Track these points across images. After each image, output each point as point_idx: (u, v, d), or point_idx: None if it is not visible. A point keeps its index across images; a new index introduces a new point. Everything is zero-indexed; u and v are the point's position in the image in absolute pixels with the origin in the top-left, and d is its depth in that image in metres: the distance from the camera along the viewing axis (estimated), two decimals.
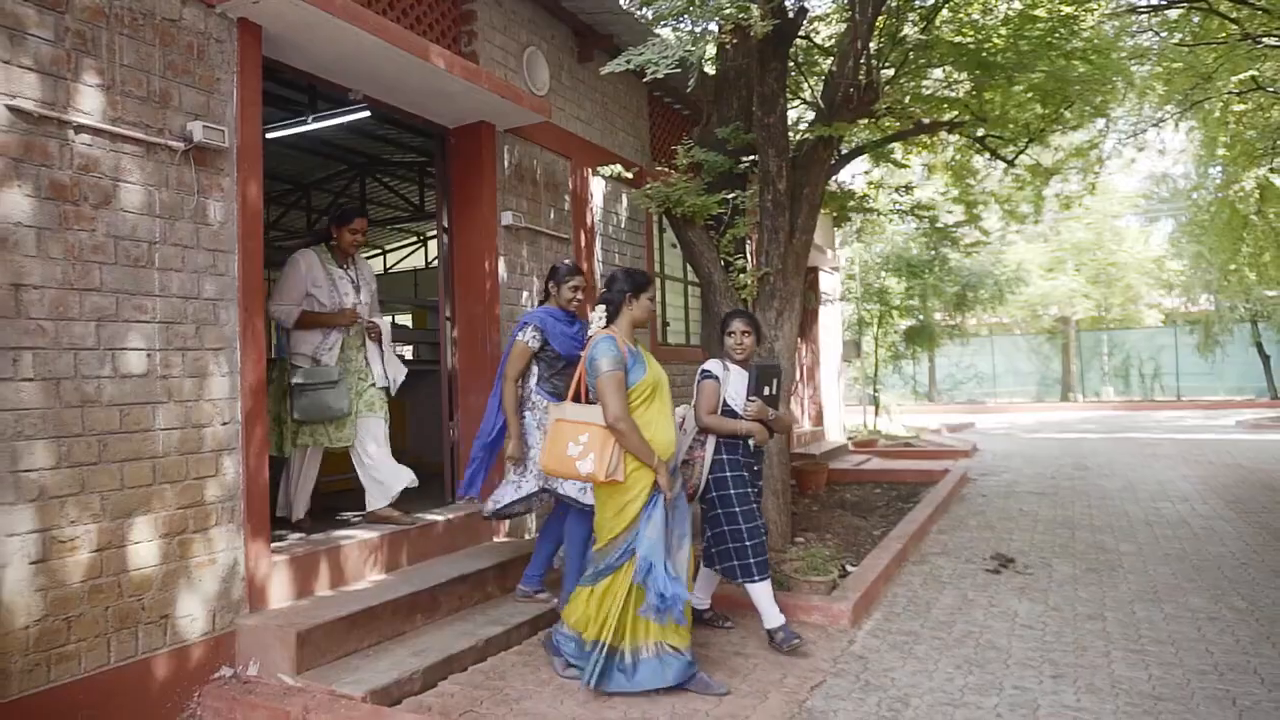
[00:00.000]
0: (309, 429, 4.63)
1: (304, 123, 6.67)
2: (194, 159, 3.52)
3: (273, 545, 3.92)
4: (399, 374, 4.97)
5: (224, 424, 3.61)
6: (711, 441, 4.07)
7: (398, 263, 14.67)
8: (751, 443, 4.15)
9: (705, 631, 4.26)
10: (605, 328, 3.70)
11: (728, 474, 4.08)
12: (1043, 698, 3.45)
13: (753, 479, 4.17)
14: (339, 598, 3.97)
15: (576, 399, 3.71)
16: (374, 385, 4.78)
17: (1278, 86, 13.39)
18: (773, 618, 4.04)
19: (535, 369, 4.38)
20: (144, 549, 3.28)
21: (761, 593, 4.05)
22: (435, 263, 13.68)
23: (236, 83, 3.71)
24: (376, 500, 4.75)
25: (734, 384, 4.17)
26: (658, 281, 3.54)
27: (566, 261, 4.69)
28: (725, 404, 4.14)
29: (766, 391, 4.12)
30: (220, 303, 3.62)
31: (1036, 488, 9.16)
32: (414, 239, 13.80)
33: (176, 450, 3.42)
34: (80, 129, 3.13)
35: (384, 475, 4.73)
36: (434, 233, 12.97)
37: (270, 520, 3.85)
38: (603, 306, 3.71)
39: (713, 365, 4.23)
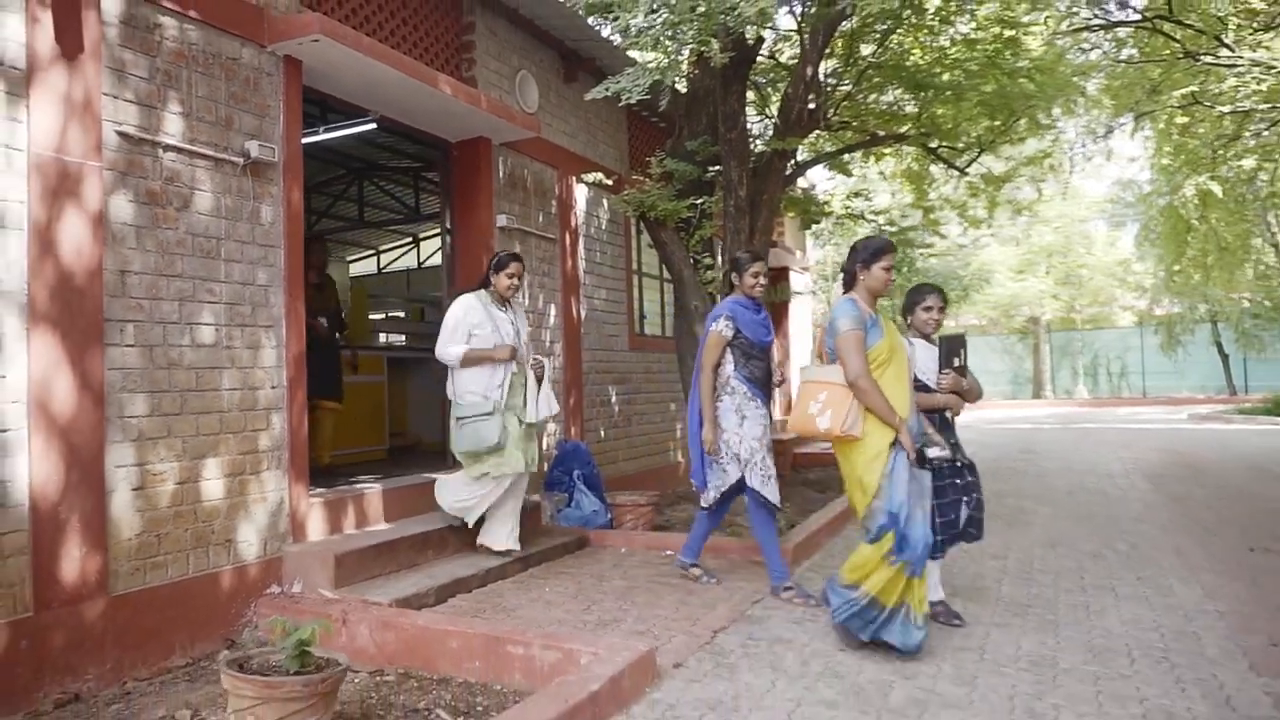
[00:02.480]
0: (490, 459, 4.84)
1: (315, 133, 7.47)
2: (250, 171, 4.33)
3: (311, 490, 4.72)
4: (551, 410, 5.14)
5: (273, 388, 4.42)
6: (922, 417, 4.00)
7: (391, 263, 15.42)
8: (949, 414, 4.18)
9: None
10: (845, 294, 3.80)
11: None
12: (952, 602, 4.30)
13: (950, 452, 4.10)
14: (365, 534, 4.78)
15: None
16: (529, 425, 4.99)
17: (1215, 101, 14.32)
18: (935, 591, 4.08)
19: (731, 357, 4.56)
20: (213, 485, 4.08)
21: (934, 570, 4.06)
22: (427, 263, 14.48)
23: (283, 108, 4.52)
24: (495, 542, 5.03)
25: (921, 358, 4.13)
26: (893, 250, 3.84)
27: (747, 251, 4.94)
28: (915, 378, 4.04)
29: (956, 362, 4.11)
30: (270, 288, 4.43)
31: (981, 467, 10.00)
32: (408, 240, 14.56)
33: (237, 407, 4.22)
34: (167, 148, 3.93)
35: (506, 529, 5.04)
36: (426, 234, 13.83)
37: (309, 469, 4.66)
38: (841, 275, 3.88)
39: None
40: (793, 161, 7.68)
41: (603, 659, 3.21)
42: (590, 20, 6.72)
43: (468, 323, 4.89)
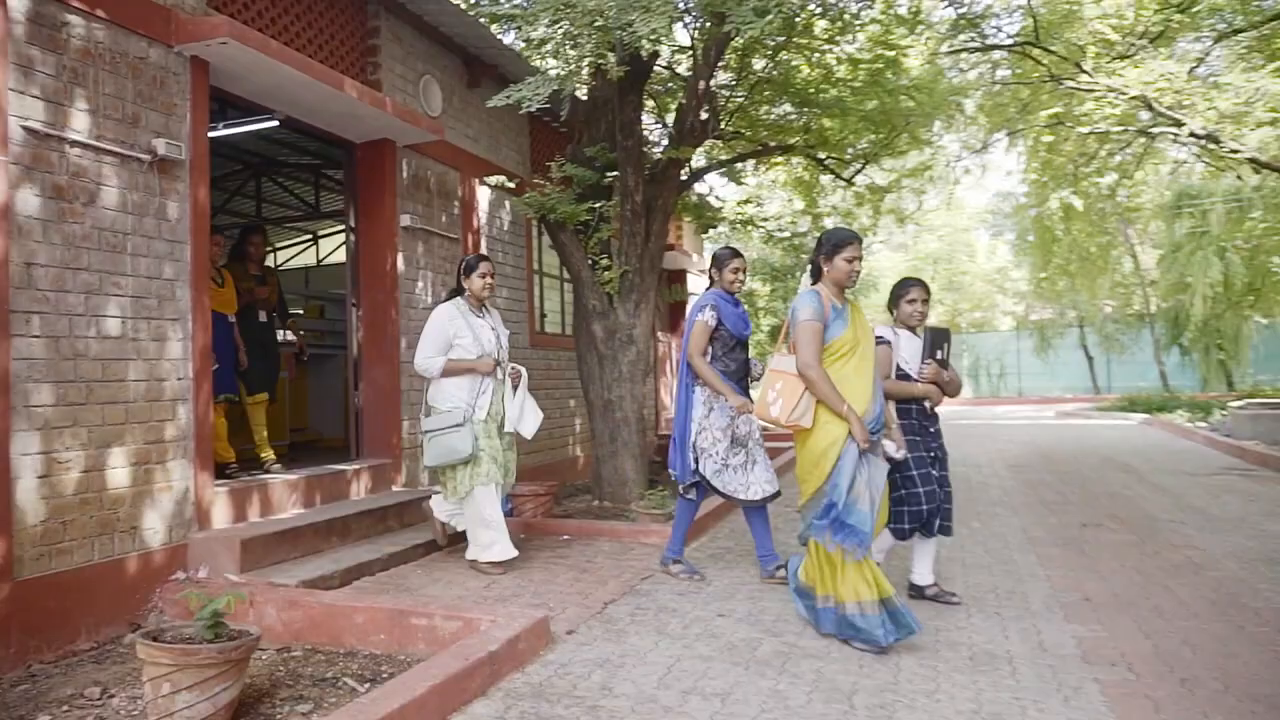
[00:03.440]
0: (482, 471, 4.80)
1: (215, 129, 7.47)
2: (157, 168, 4.43)
3: (216, 480, 4.84)
4: (535, 419, 5.06)
5: (179, 379, 4.54)
6: (891, 406, 4.08)
7: (289, 260, 15.21)
8: (928, 404, 4.27)
9: (584, 551, 5.37)
10: (811, 286, 3.87)
11: (904, 437, 4.15)
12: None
13: (929, 440, 4.23)
14: (270, 522, 4.93)
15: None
16: (509, 437, 4.99)
17: (1077, 122, 15.52)
18: (925, 575, 4.26)
19: (710, 349, 4.69)
20: (119, 473, 4.18)
21: (928, 550, 4.24)
22: (326, 260, 14.37)
23: (190, 107, 4.64)
24: (476, 554, 4.95)
25: (905, 348, 4.23)
26: (855, 242, 3.83)
27: (727, 248, 5.03)
28: (898, 368, 4.20)
29: (939, 355, 4.19)
30: (177, 283, 4.54)
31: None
32: (307, 237, 14.40)
33: (143, 398, 4.32)
34: (73, 144, 4.02)
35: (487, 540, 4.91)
36: (326, 232, 13.73)
37: (214, 459, 4.78)
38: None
39: (883, 331, 4.24)
40: (687, 169, 8.12)
41: (501, 625, 3.51)
42: (493, 29, 6.99)
43: (448, 333, 4.84)
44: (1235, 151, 14.29)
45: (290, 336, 6.85)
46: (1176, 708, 2.93)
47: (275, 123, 6.00)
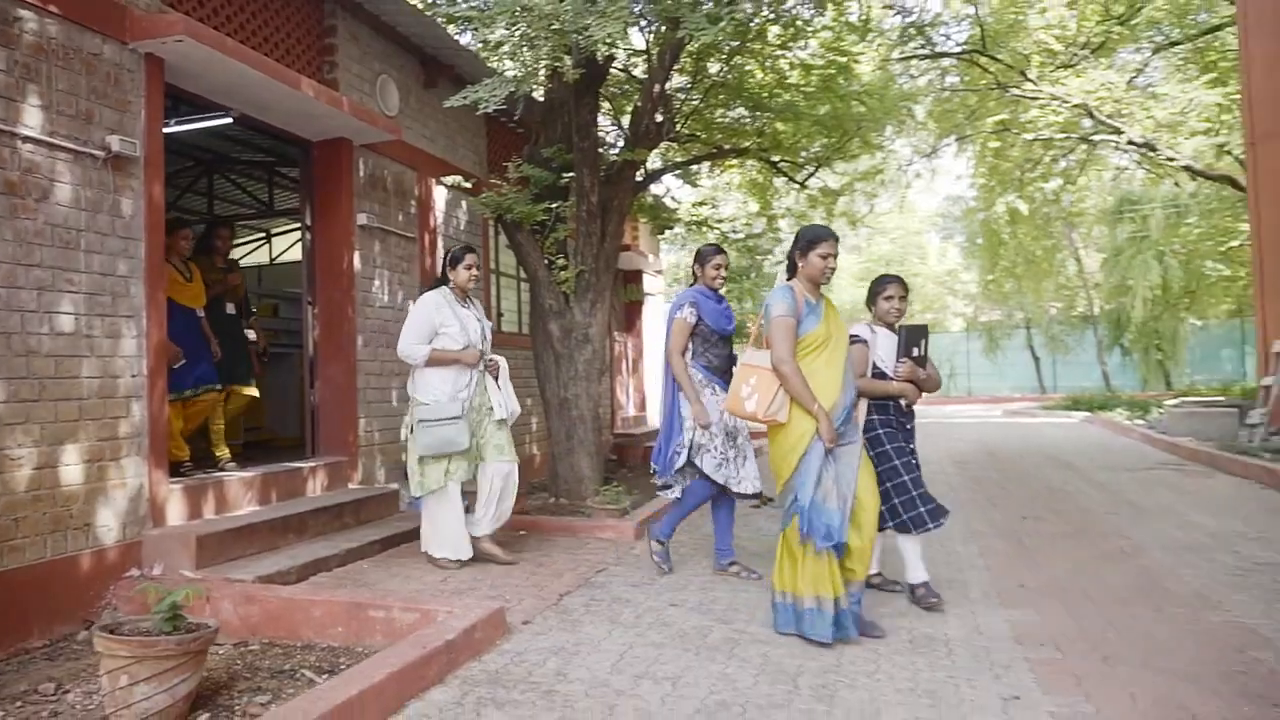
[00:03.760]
0: (439, 466, 4.86)
1: (166, 125, 7.41)
2: (111, 165, 4.43)
3: (170, 477, 4.83)
4: (514, 409, 5.15)
5: (133, 376, 4.53)
6: (863, 404, 4.05)
7: (242, 257, 15.00)
8: (904, 402, 4.26)
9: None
10: (787, 281, 3.90)
11: (880, 432, 4.17)
12: (757, 564, 4.90)
13: (906, 437, 4.25)
14: (225, 519, 4.94)
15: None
16: (499, 421, 5.01)
17: (1022, 128, 15.98)
18: (918, 573, 4.19)
19: (691, 345, 4.73)
20: (72, 470, 4.17)
21: (914, 545, 4.21)
22: (279, 259, 14.22)
23: (144, 104, 4.64)
24: (481, 529, 5.00)
25: (882, 346, 4.24)
26: (829, 239, 3.84)
27: (710, 244, 5.07)
28: (874, 366, 4.21)
29: (915, 352, 4.19)
30: (131, 279, 4.54)
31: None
32: (260, 235, 14.24)
33: (97, 394, 4.32)
34: (26, 139, 4.01)
35: (496, 511, 5.01)
36: (279, 230, 13.59)
37: (169, 456, 4.78)
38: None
39: (860, 329, 4.25)
40: (643, 170, 8.24)
41: (458, 616, 3.59)
42: (450, 29, 7.04)
43: (434, 321, 4.83)
44: (1171, 159, 14.84)
45: (251, 335, 6.84)
46: (1097, 681, 3.12)
47: (229, 120, 5.99)
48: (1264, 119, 11.16)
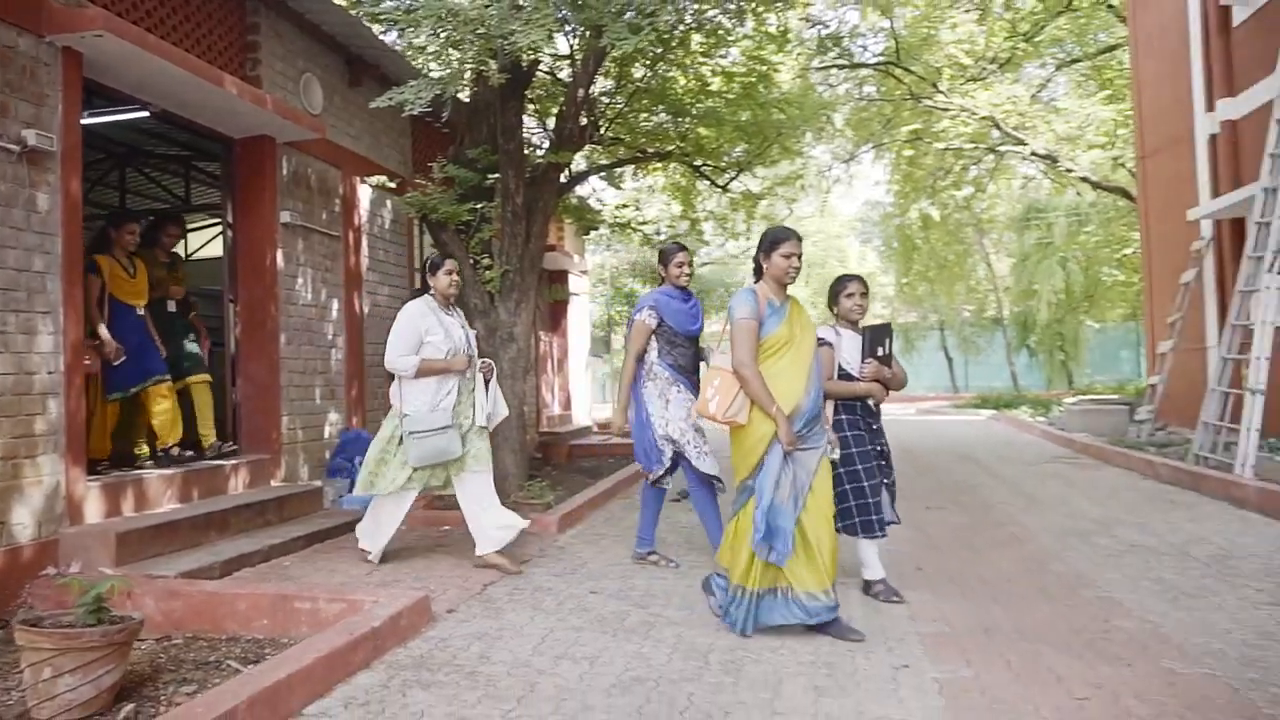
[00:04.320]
0: (421, 474, 4.82)
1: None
2: (26, 159, 4.39)
3: (88, 475, 4.79)
4: (501, 412, 5.16)
5: (49, 373, 4.49)
6: (829, 406, 4.06)
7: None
8: (871, 402, 4.28)
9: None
10: (754, 284, 3.92)
11: (848, 434, 4.16)
12: (673, 554, 5.11)
13: (873, 438, 4.25)
14: (145, 516, 4.92)
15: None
16: (479, 428, 4.94)
17: (934, 138, 16.65)
18: (876, 571, 4.29)
19: (655, 345, 4.76)
20: None
21: (872, 548, 4.26)
22: (195, 255, 13.89)
23: (61, 98, 4.60)
24: (486, 547, 4.87)
25: (846, 348, 4.25)
26: (790, 239, 3.85)
27: (672, 243, 5.07)
28: (840, 368, 4.22)
29: (880, 351, 4.21)
30: (47, 275, 4.50)
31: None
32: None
33: (11, 391, 4.28)
34: None
35: (497, 525, 4.87)
36: (195, 226, 13.27)
37: (87, 453, 4.74)
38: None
39: (825, 332, 4.23)
40: (567, 172, 8.40)
41: (384, 604, 3.70)
42: (376, 29, 7.08)
43: (420, 330, 4.78)
44: (1070, 170, 15.68)
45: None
46: (979, 651, 3.42)
47: (145, 113, 5.93)
48: (1152, 135, 11.94)
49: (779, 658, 3.38)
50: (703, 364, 4.94)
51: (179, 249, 7.06)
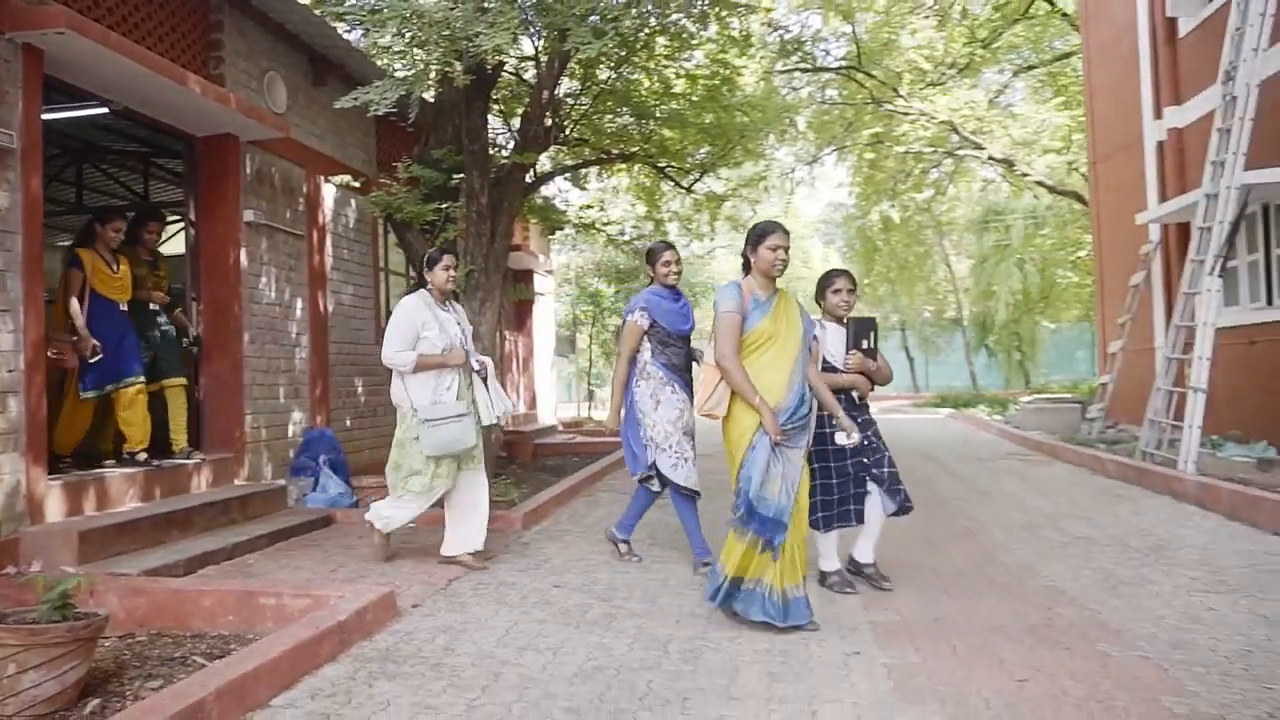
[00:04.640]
0: (443, 467, 4.80)
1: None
2: None
3: (49, 474, 4.78)
4: (506, 407, 5.11)
5: (9, 371, 4.48)
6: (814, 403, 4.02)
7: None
8: (856, 395, 4.31)
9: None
10: (743, 278, 3.92)
11: (827, 430, 4.16)
12: (638, 548, 5.20)
13: (859, 430, 4.20)
14: (107, 515, 4.92)
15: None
16: (483, 426, 4.92)
17: (895, 141, 16.94)
18: (831, 563, 4.41)
19: (648, 345, 4.74)
20: None
21: (832, 541, 4.37)
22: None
23: (22, 95, 4.59)
24: (454, 548, 4.91)
25: (831, 341, 4.28)
26: (777, 232, 3.86)
27: (659, 241, 4.95)
28: (824, 361, 4.22)
29: (864, 345, 4.23)
30: (7, 273, 4.48)
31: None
32: None
33: None
34: None
35: (479, 529, 4.93)
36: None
37: (50, 451, 4.73)
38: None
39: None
40: (532, 173, 8.47)
41: (349, 599, 3.75)
42: (340, 27, 7.10)
43: (416, 324, 4.75)
44: (1026, 175, 16.04)
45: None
46: (927, 637, 3.56)
47: (104, 110, 5.88)
48: (1104, 141, 12.28)
49: (736, 646, 3.49)
50: (695, 363, 4.96)
51: (162, 248, 6.90)
